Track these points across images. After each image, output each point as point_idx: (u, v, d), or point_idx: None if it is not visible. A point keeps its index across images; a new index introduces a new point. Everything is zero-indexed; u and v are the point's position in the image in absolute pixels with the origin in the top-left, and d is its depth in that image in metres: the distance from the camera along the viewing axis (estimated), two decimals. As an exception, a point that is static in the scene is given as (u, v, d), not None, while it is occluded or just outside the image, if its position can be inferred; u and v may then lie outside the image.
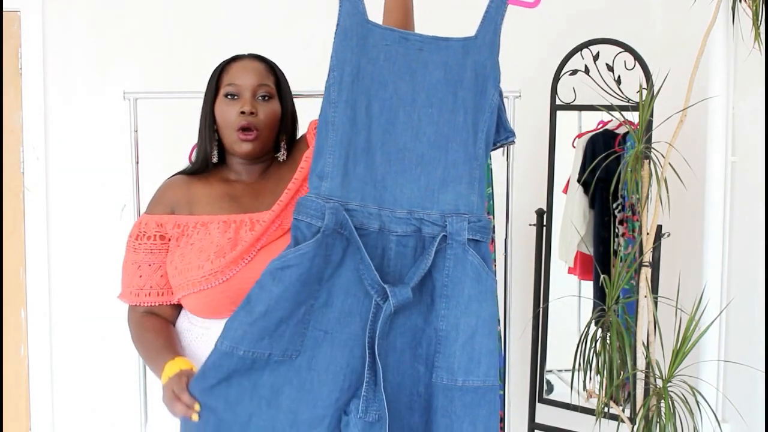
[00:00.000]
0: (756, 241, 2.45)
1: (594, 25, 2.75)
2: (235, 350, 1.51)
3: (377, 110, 1.59)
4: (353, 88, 1.57)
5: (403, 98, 1.60)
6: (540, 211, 2.64)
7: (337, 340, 1.55)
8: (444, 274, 1.58)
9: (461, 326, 1.57)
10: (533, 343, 2.67)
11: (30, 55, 2.95)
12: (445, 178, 1.60)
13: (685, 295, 2.28)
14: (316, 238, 1.52)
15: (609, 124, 2.62)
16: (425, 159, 1.60)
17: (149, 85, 2.93)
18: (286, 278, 1.51)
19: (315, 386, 1.54)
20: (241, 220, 1.69)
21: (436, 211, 1.59)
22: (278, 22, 3.01)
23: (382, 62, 1.59)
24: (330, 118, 1.57)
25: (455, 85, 1.62)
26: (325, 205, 1.53)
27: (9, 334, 2.99)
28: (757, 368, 2.38)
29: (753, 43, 2.23)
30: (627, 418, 2.35)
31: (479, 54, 1.63)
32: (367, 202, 1.57)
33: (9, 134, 2.97)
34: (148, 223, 1.73)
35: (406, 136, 1.60)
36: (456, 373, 1.57)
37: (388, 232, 1.58)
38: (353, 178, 1.57)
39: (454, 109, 1.61)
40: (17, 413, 3.00)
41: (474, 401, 1.57)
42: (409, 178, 1.60)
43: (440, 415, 1.58)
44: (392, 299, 1.52)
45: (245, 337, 1.51)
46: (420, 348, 1.60)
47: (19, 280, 3.00)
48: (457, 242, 1.58)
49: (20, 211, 3.00)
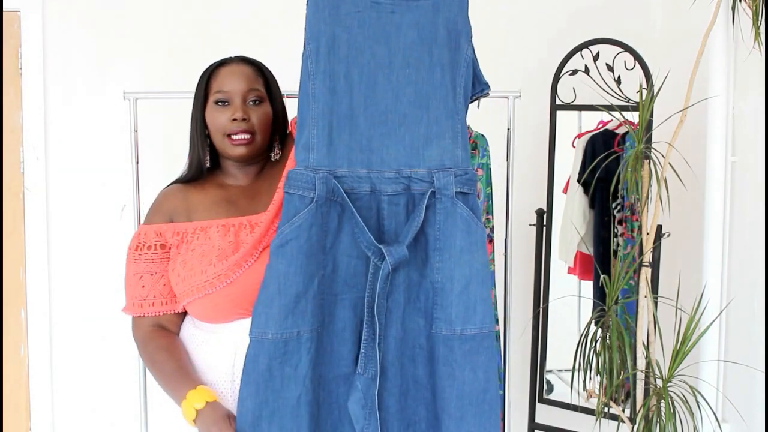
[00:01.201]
0: (756, 241, 2.45)
1: (594, 25, 2.75)
2: (264, 336, 1.55)
3: (356, 77, 1.62)
4: (330, 58, 1.61)
5: (380, 62, 1.63)
6: (540, 211, 2.64)
7: (346, 301, 1.62)
8: (435, 228, 1.63)
9: (456, 277, 1.62)
10: (533, 343, 2.67)
11: (30, 55, 2.95)
12: (428, 135, 1.65)
13: (685, 295, 2.28)
14: (309, 209, 1.56)
15: (609, 124, 2.62)
16: (408, 118, 1.64)
17: (149, 85, 2.93)
18: (288, 253, 1.55)
19: (335, 347, 1.62)
20: (239, 222, 1.69)
21: (423, 168, 1.64)
22: (277, 22, 3.00)
23: (356, 29, 1.63)
24: (310, 90, 1.60)
25: (429, 43, 1.66)
26: (315, 175, 1.57)
27: (9, 334, 2.98)
28: (757, 368, 2.38)
29: (753, 43, 2.23)
30: (627, 418, 2.35)
31: (449, 11, 1.67)
32: (355, 167, 1.61)
33: (9, 134, 2.97)
34: (147, 234, 1.73)
35: (387, 98, 1.64)
36: (454, 323, 1.62)
37: (379, 193, 1.62)
38: (339, 145, 1.61)
39: (431, 67, 1.65)
40: (17, 413, 3.00)
41: (473, 348, 1.63)
42: (394, 139, 1.64)
43: (442, 364, 1.63)
44: (389, 258, 1.57)
45: (269, 321, 1.55)
46: (418, 302, 1.65)
47: (19, 280, 3.00)
48: (446, 196, 1.63)
49: (20, 211, 2.99)
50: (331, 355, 1.62)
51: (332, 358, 1.62)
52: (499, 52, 2.99)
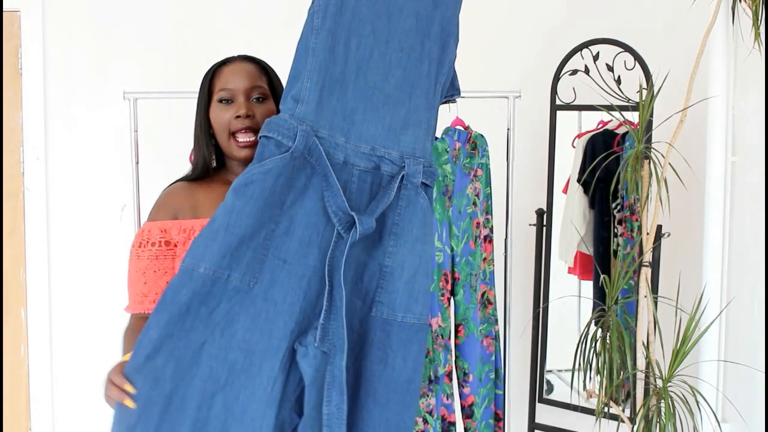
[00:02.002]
0: (756, 241, 2.45)
1: (594, 25, 2.75)
2: (196, 267, 1.50)
3: (354, 45, 1.62)
4: (336, 19, 1.61)
5: (378, 38, 1.64)
6: (540, 211, 2.64)
7: (294, 271, 1.56)
8: (396, 213, 1.63)
9: (406, 264, 1.62)
10: (533, 343, 2.67)
11: (30, 55, 2.95)
12: (407, 120, 1.66)
13: (685, 295, 2.28)
14: (282, 156, 1.53)
15: (609, 124, 2.62)
16: (391, 100, 1.65)
17: (149, 85, 2.93)
18: (248, 193, 1.52)
19: (270, 317, 1.54)
20: None
21: (396, 151, 1.64)
22: (278, 22, 3.00)
23: (364, 0, 1.63)
24: (311, 44, 1.60)
25: (423, 35, 1.68)
26: (298, 126, 1.55)
27: (9, 334, 2.99)
28: (757, 368, 2.38)
29: (753, 43, 2.23)
30: (627, 418, 2.35)
31: (446, 10, 1.70)
32: (335, 133, 1.60)
33: (9, 134, 2.97)
34: (151, 230, 1.72)
35: (377, 75, 1.64)
36: (396, 309, 1.61)
37: (351, 166, 1.61)
38: (326, 106, 1.60)
39: (421, 58, 1.67)
40: (17, 413, 3.00)
41: (408, 337, 1.62)
42: (375, 116, 1.64)
43: (375, 348, 1.61)
44: (359, 226, 1.55)
45: (206, 254, 1.50)
46: (361, 283, 1.63)
47: (19, 280, 3.00)
48: (412, 184, 1.63)
49: (20, 211, 2.99)
50: (265, 324, 1.54)
51: (265, 327, 1.54)
52: (499, 52, 2.99)
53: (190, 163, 1.91)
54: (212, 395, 1.52)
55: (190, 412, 1.51)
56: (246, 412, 1.52)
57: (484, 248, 2.36)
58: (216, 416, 1.52)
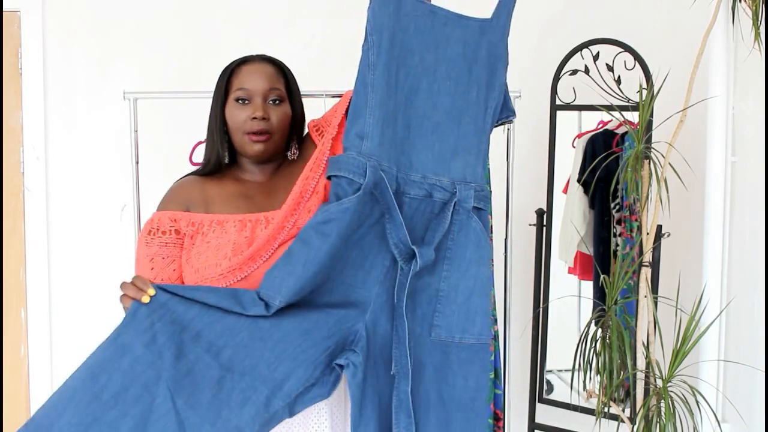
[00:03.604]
0: (756, 241, 2.45)
1: (594, 25, 2.75)
2: (271, 300, 1.53)
3: (403, 77, 1.66)
4: (390, 53, 1.63)
5: (426, 68, 1.67)
6: (540, 211, 2.64)
7: (337, 288, 1.60)
8: (449, 238, 1.66)
9: (461, 287, 1.66)
10: (533, 343, 2.67)
11: (30, 55, 2.95)
12: (456, 147, 1.69)
13: (685, 295, 2.28)
14: (357, 195, 1.56)
15: (609, 124, 2.62)
16: (440, 128, 1.68)
17: (149, 85, 2.93)
18: (327, 231, 1.55)
19: (307, 310, 1.58)
20: (256, 218, 1.69)
21: (447, 178, 1.68)
22: (278, 22, 3.01)
23: (412, 32, 1.66)
24: (369, 80, 1.62)
25: (471, 61, 1.71)
26: (367, 162, 1.58)
27: (9, 334, 2.99)
28: (757, 368, 2.38)
29: (753, 43, 2.23)
30: (627, 418, 2.35)
31: (493, 35, 1.73)
32: (391, 164, 1.64)
33: (9, 134, 2.97)
34: (161, 219, 1.71)
35: (426, 104, 1.67)
36: (453, 331, 1.65)
37: (402, 194, 1.65)
38: (384, 139, 1.63)
39: (469, 84, 1.70)
40: (17, 413, 3.00)
41: (468, 358, 1.65)
42: (425, 145, 1.67)
43: (435, 370, 1.65)
44: (420, 259, 1.59)
45: (283, 287, 1.54)
46: (420, 309, 1.66)
47: (19, 280, 3.00)
48: (464, 209, 1.67)
49: (20, 211, 3.00)
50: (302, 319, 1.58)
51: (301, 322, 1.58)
52: (499, 52, 2.99)
53: (191, 163, 1.91)
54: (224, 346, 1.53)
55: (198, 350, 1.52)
56: (243, 377, 1.54)
57: (484, 248, 2.35)
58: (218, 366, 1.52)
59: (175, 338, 1.51)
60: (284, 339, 1.55)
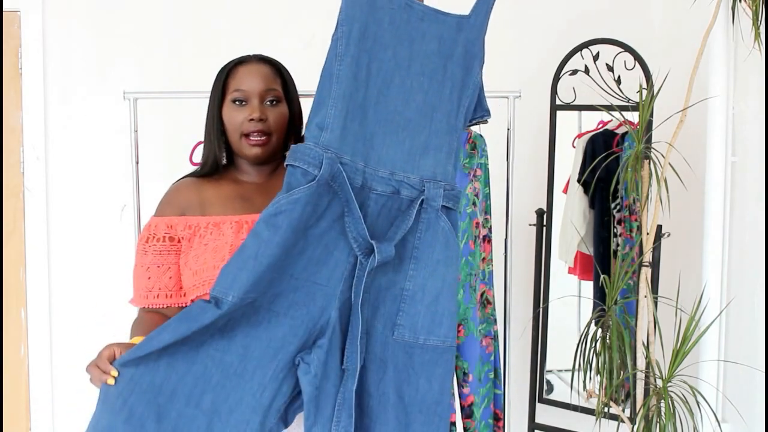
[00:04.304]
0: (756, 241, 2.45)
1: (594, 25, 2.75)
2: (224, 296, 1.51)
3: (375, 70, 1.62)
4: (360, 44, 1.60)
5: (400, 63, 1.64)
6: (540, 211, 2.64)
7: (302, 287, 1.57)
8: (416, 237, 1.63)
9: (428, 288, 1.63)
10: (533, 343, 2.67)
11: (30, 55, 2.95)
12: (427, 145, 1.66)
13: (685, 295, 2.28)
14: (309, 185, 1.54)
15: (609, 124, 2.62)
16: (411, 124, 1.65)
17: (149, 85, 2.93)
18: (278, 223, 1.52)
19: (271, 326, 1.56)
20: (253, 220, 1.68)
21: (416, 176, 1.64)
22: (278, 22, 3.01)
23: (387, 25, 1.63)
24: (335, 71, 1.59)
25: (446, 58, 1.68)
26: (324, 154, 1.55)
27: (9, 334, 2.99)
28: (757, 368, 2.38)
29: (753, 43, 2.23)
30: (627, 418, 2.35)
31: (470, 33, 1.70)
32: (356, 158, 1.60)
33: (9, 134, 2.97)
34: (157, 225, 1.72)
35: (398, 99, 1.64)
36: (418, 332, 1.62)
37: (369, 190, 1.61)
38: (349, 132, 1.60)
39: (443, 81, 1.67)
40: (17, 413, 3.00)
41: (432, 359, 1.63)
42: (395, 140, 1.64)
43: (398, 371, 1.62)
44: (378, 255, 1.56)
45: (235, 282, 1.51)
46: (383, 307, 1.63)
47: (19, 280, 3.00)
48: (432, 207, 1.64)
49: (20, 211, 3.00)
50: (265, 332, 1.56)
51: (264, 335, 1.56)
52: (499, 52, 2.98)
53: (191, 163, 1.90)
54: (202, 393, 1.53)
55: (178, 406, 1.52)
56: (232, 414, 1.53)
57: (483, 248, 2.36)
58: (202, 414, 1.53)
59: (152, 404, 1.52)
60: (259, 366, 1.55)
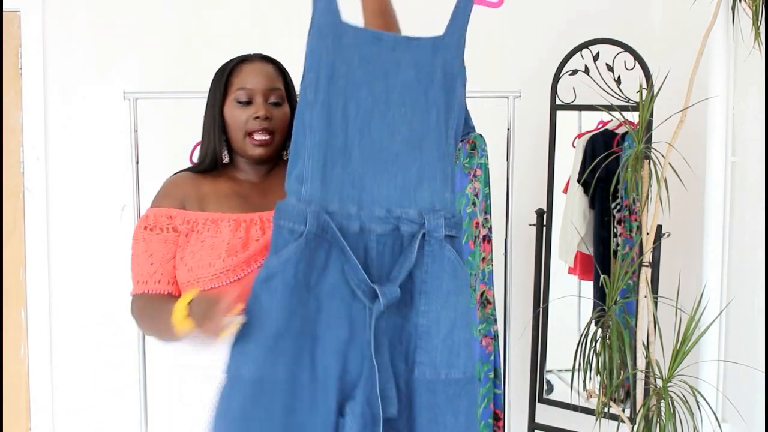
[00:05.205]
0: (756, 241, 2.45)
1: (594, 25, 2.75)
2: (239, 372, 1.48)
3: (353, 111, 1.58)
4: (329, 89, 1.56)
5: (377, 98, 1.59)
6: (540, 211, 2.64)
7: (328, 345, 1.54)
8: (423, 271, 1.59)
9: (442, 320, 1.59)
10: (533, 343, 2.67)
11: (30, 55, 2.95)
12: (420, 176, 1.62)
13: (685, 295, 2.28)
14: (298, 243, 1.50)
15: (609, 124, 2.62)
16: (401, 158, 1.61)
17: (149, 85, 2.93)
18: (273, 287, 1.49)
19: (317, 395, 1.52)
20: (251, 219, 1.68)
21: (413, 209, 1.60)
22: (277, 22, 3.00)
23: (356, 63, 1.58)
24: (307, 120, 1.55)
25: (426, 84, 1.62)
26: (307, 208, 1.51)
27: (9, 334, 2.98)
28: (757, 368, 2.38)
29: (753, 43, 2.23)
30: (627, 418, 2.35)
31: (447, 53, 1.63)
32: (346, 204, 1.56)
33: (9, 134, 2.97)
34: (158, 216, 1.70)
35: (382, 135, 1.60)
36: (439, 367, 1.59)
37: (369, 232, 1.57)
38: (331, 180, 1.56)
39: (427, 108, 1.63)
40: (17, 413, 3.00)
41: (456, 393, 1.60)
42: (386, 177, 1.60)
43: (424, 409, 1.59)
44: (382, 298, 1.52)
45: (246, 357, 1.48)
46: (400, 345, 1.61)
47: (19, 280, 3.00)
48: (435, 239, 1.59)
49: (20, 211, 2.99)
50: (311, 403, 1.53)
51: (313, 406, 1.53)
52: (499, 52, 2.99)
53: (191, 163, 1.90)
54: None
55: None
56: None
57: (483, 248, 2.36)
58: None
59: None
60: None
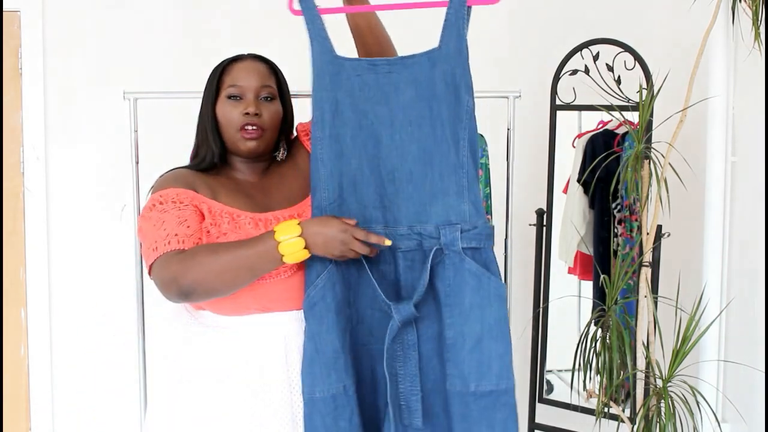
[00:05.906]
0: (756, 241, 2.45)
1: (594, 25, 2.75)
2: (312, 395, 1.60)
3: (362, 138, 1.66)
4: (334, 123, 1.66)
5: (382, 122, 1.66)
6: (540, 211, 2.64)
7: (373, 351, 1.67)
8: (446, 284, 1.64)
9: (466, 333, 1.63)
10: (533, 343, 2.67)
11: (30, 55, 2.95)
12: (433, 191, 1.66)
13: (685, 295, 2.28)
14: (329, 270, 1.61)
15: (609, 124, 2.62)
16: (414, 176, 1.66)
17: (149, 85, 2.93)
18: (317, 314, 1.61)
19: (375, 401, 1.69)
20: (266, 218, 1.68)
21: (431, 225, 1.66)
22: (276, 22, 3.00)
23: (358, 92, 1.66)
24: (318, 155, 1.66)
25: (428, 99, 1.66)
26: None
27: (9, 334, 2.99)
28: (757, 368, 2.38)
29: (753, 43, 2.23)
30: (627, 418, 2.35)
31: (446, 63, 1.65)
32: (371, 224, 1.66)
33: (9, 134, 2.97)
34: (165, 194, 1.64)
35: (393, 157, 1.66)
36: (468, 379, 1.62)
37: (395, 249, 1.66)
38: (351, 205, 1.66)
39: (432, 123, 1.66)
40: (17, 413, 3.00)
41: (489, 405, 1.62)
42: (404, 197, 1.66)
43: (458, 420, 1.64)
44: (396, 316, 1.61)
45: (314, 380, 1.61)
46: (436, 358, 1.68)
47: (19, 280, 3.00)
48: (453, 252, 1.64)
49: (20, 211, 2.99)
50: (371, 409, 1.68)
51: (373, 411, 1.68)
52: (499, 52, 2.99)
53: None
54: None
55: None
56: None
57: (484, 248, 2.35)
58: None
59: None
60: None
